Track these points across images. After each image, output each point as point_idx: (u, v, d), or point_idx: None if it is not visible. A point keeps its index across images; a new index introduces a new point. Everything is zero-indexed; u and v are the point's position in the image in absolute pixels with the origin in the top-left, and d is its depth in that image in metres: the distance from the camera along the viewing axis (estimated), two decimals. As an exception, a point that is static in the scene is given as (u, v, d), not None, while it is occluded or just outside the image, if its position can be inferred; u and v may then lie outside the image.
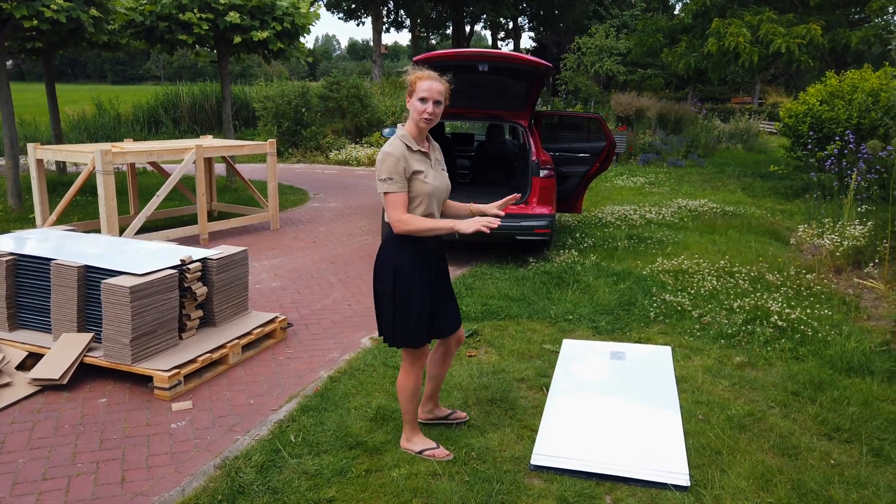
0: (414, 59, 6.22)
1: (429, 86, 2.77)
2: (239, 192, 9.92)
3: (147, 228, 7.10)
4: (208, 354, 3.89)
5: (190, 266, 4.00)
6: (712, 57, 13.11)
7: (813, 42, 11.73)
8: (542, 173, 6.60)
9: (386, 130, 8.99)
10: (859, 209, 6.84)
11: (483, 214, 3.08)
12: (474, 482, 2.91)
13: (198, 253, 4.25)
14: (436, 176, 2.91)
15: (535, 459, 3.10)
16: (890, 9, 11.68)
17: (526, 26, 39.50)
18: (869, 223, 6.48)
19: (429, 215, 2.88)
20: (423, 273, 2.91)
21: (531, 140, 6.81)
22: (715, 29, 12.54)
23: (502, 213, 3.02)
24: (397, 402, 3.60)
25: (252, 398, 3.70)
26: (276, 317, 4.51)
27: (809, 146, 9.30)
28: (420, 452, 3.12)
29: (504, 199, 3.09)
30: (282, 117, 15.37)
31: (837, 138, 8.86)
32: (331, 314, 5.10)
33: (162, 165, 8.49)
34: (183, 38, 9.18)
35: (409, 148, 2.83)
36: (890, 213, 5.94)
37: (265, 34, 9.22)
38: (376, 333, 4.71)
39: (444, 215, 3.07)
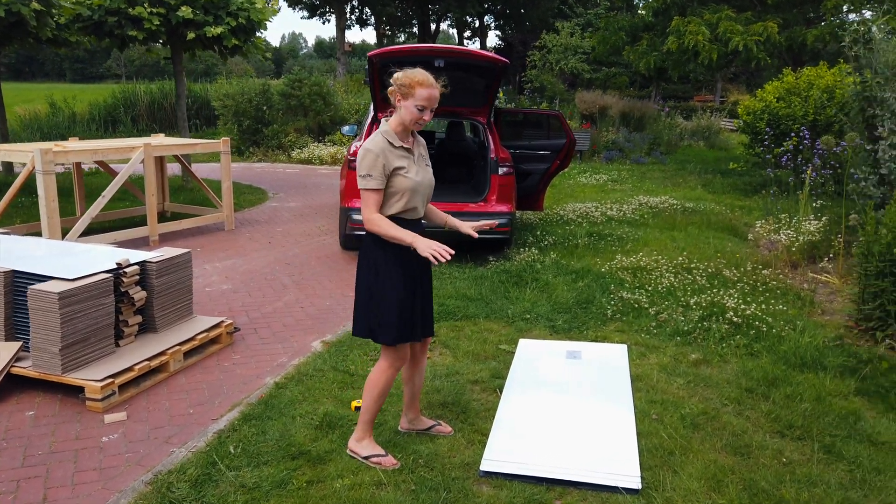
0: (369, 54, 6.09)
1: (429, 94, 2.75)
2: (194, 193, 9.65)
3: (95, 230, 6.84)
4: (146, 362, 3.71)
5: (127, 269, 3.81)
6: (672, 55, 13.20)
7: (770, 40, 11.89)
8: (501, 171, 6.52)
9: (345, 128, 8.83)
10: (814, 204, 6.91)
11: (456, 232, 3.09)
12: (420, 491, 2.80)
13: (136, 256, 4.06)
14: (418, 171, 2.89)
15: (485, 465, 3.00)
16: (844, 7, 11.88)
17: (492, 24, 39.55)
18: (824, 218, 6.54)
19: (411, 209, 2.87)
20: (405, 269, 2.88)
21: (490, 137, 6.73)
22: (675, 27, 12.63)
23: (475, 235, 3.02)
24: (346, 408, 3.49)
25: (192, 407, 3.54)
26: (223, 321, 4.34)
27: (766, 142, 9.40)
28: (367, 458, 3.01)
29: (479, 223, 3.09)
30: (242, 115, 15.07)
31: (793, 134, 8.97)
32: (282, 317, 4.94)
33: (114, 166, 8.20)
34: (133, 34, 8.89)
35: (390, 144, 2.80)
36: (844, 208, 6.00)
37: (219, 30, 8.98)
38: (328, 336, 4.57)
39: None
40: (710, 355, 4.24)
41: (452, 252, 2.67)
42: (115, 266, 3.79)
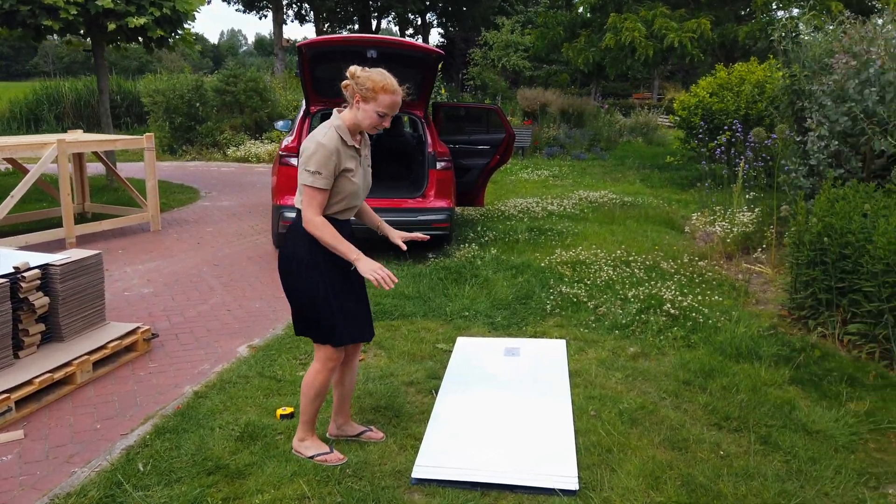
0: (298, 44, 5.84)
1: (392, 101, 2.61)
2: (119, 193, 9.16)
3: (7, 233, 6.37)
4: (49, 374, 3.40)
5: (25, 274, 3.49)
6: (611, 51, 13.33)
7: (703, 37, 12.12)
8: (439, 165, 6.37)
9: (280, 124, 8.53)
10: (748, 196, 7.01)
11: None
12: (347, 503, 2.62)
13: (39, 259, 3.73)
14: (363, 174, 2.76)
15: (417, 472, 2.84)
16: (773, 5, 12.22)
17: (434, 22, 39.40)
18: (756, 210, 6.65)
19: (348, 210, 2.78)
20: (335, 268, 2.73)
21: (427, 131, 6.57)
22: (612, 24, 12.76)
23: (404, 247, 2.99)
24: (270, 416, 3.28)
25: (100, 422, 3.25)
26: (138, 327, 4.04)
27: (701, 136, 9.55)
28: (312, 457, 2.88)
29: (411, 234, 3.01)
30: (174, 112, 14.47)
31: (726, 128, 9.13)
32: (206, 321, 4.66)
33: (31, 165, 7.67)
34: (49, 24, 8.35)
35: (343, 142, 2.63)
36: (775, 199, 6.09)
37: (142, 20, 8.52)
38: (256, 340, 4.33)
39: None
40: (648, 348, 4.19)
41: (396, 280, 2.63)
42: (13, 270, 3.46)
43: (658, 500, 2.66)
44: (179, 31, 9.49)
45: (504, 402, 3.48)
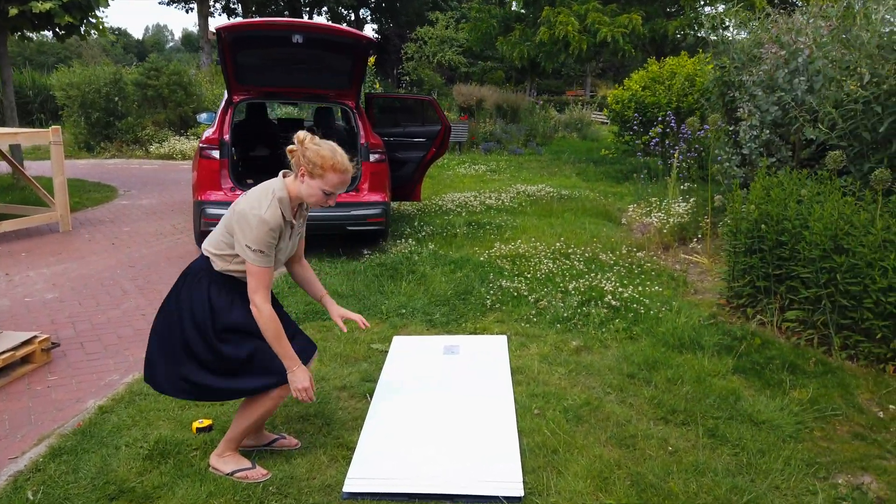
0: (216, 27, 5.46)
1: (340, 180, 2.46)
2: (26, 192, 8.47)
3: None
4: (-77, 393, 2.97)
5: None
6: (545, 46, 13.34)
7: (635, 31, 12.27)
8: (373, 158, 6.10)
9: (202, 116, 8.04)
10: (682, 187, 7.05)
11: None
12: (270, 525, 2.35)
13: (-88, 262, 3.28)
14: (291, 246, 2.62)
15: (349, 486, 2.60)
16: (701, 0, 12.49)
17: (368, 18, 38.90)
18: (691, 200, 6.67)
19: None
20: (248, 302, 2.47)
21: (359, 122, 6.29)
22: (545, 17, 12.76)
23: (344, 329, 2.88)
24: (185, 430, 2.95)
25: (-15, 445, 2.86)
26: (36, 336, 3.63)
27: (635, 128, 9.62)
28: (231, 474, 2.61)
29: (352, 315, 2.86)
30: (90, 107, 13.60)
31: (659, 120, 9.21)
32: (117, 328, 4.26)
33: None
34: (-61, 8, 7.63)
35: (283, 217, 2.43)
36: (710, 189, 6.12)
37: (48, 5, 7.89)
38: (173, 346, 3.96)
39: (295, 275, 2.85)
40: (590, 341, 4.06)
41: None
42: None
43: (607, 503, 2.50)
44: (91, 18, 8.86)
45: (444, 404, 3.27)
